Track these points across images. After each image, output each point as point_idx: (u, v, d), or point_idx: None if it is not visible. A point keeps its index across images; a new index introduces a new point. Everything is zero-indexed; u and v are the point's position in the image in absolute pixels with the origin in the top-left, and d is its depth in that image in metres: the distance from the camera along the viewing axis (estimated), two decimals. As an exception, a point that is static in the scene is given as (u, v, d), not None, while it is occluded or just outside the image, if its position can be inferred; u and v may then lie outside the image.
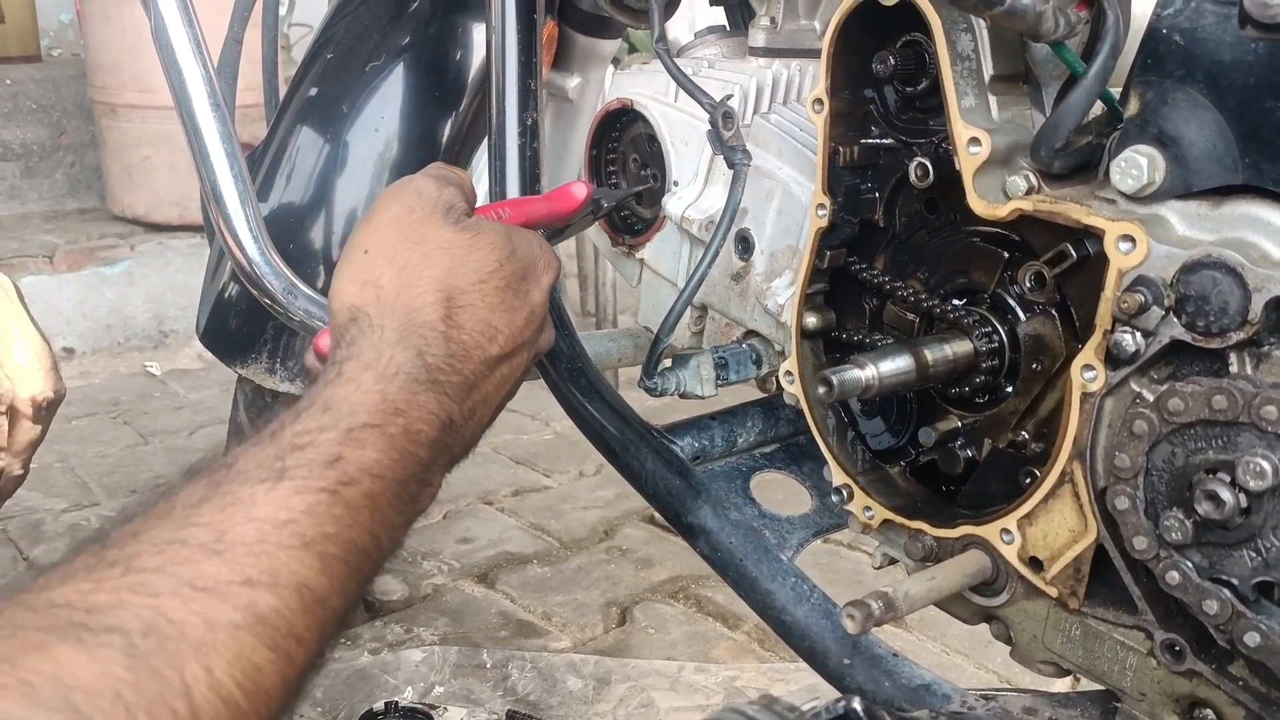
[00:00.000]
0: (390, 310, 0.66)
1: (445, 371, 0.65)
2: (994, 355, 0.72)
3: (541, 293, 0.73)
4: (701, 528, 0.83)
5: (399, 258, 0.68)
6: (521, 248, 0.72)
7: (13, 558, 1.91)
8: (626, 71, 0.97)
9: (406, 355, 0.64)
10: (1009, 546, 0.69)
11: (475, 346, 0.68)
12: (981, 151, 0.66)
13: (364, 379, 0.62)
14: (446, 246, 0.69)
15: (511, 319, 0.70)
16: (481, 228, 0.71)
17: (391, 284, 0.67)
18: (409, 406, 0.62)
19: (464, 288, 0.68)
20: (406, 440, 0.61)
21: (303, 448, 0.57)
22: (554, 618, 1.75)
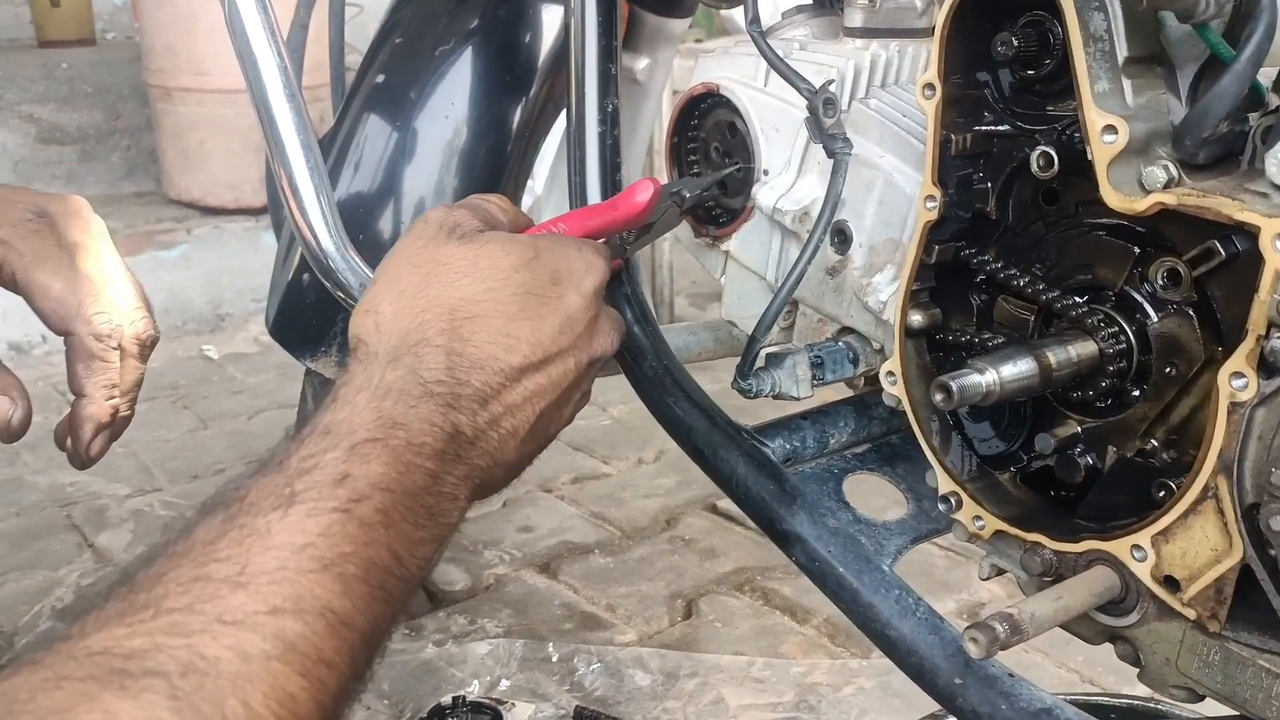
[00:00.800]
0: (386, 335, 0.66)
1: (446, 383, 0.64)
2: (1121, 357, 0.67)
3: (582, 296, 0.71)
4: (797, 535, 0.79)
5: (400, 283, 0.68)
6: (548, 251, 0.71)
7: (78, 544, 1.92)
8: (711, 55, 0.93)
9: (398, 374, 0.64)
10: (1141, 564, 0.64)
11: (489, 357, 0.66)
12: (1118, 140, 0.61)
13: (358, 400, 0.62)
14: (448, 261, 0.68)
15: (538, 326, 0.68)
16: (490, 238, 0.70)
17: (390, 309, 0.67)
18: (407, 419, 0.62)
19: (471, 298, 0.67)
20: (410, 453, 0.61)
21: (309, 471, 0.57)
22: (618, 610, 1.73)
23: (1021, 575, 0.73)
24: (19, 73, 3.17)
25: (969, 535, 0.75)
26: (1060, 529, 0.69)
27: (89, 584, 1.79)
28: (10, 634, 1.66)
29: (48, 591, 1.76)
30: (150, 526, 1.97)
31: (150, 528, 1.97)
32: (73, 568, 1.84)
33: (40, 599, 1.74)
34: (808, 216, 0.84)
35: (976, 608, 1.73)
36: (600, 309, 0.74)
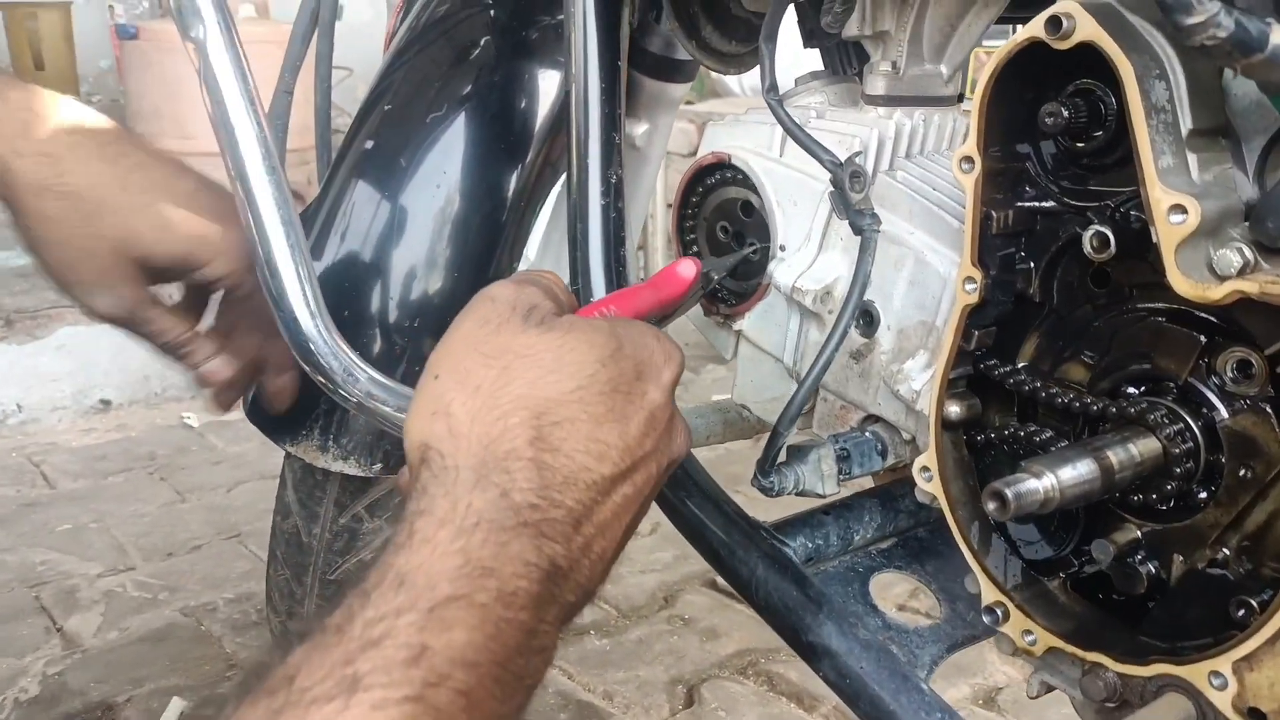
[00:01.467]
0: (465, 443, 0.55)
1: (540, 508, 0.54)
2: (1188, 457, 0.61)
3: (662, 391, 0.61)
4: (826, 649, 0.72)
5: (473, 378, 0.57)
6: (630, 341, 0.60)
7: (46, 628, 1.82)
8: (720, 123, 0.87)
9: (488, 498, 0.53)
10: (1221, 694, 0.57)
11: (580, 469, 0.56)
12: (1188, 221, 0.55)
13: (439, 537, 0.51)
14: (529, 353, 0.57)
15: (625, 429, 0.58)
16: (574, 325, 0.60)
17: (465, 410, 0.56)
18: (498, 562, 0.51)
19: (557, 399, 0.56)
20: (502, 606, 0.50)
21: (377, 643, 0.46)
22: (616, 698, 1.64)
23: (1078, 698, 0.66)
24: (0, 135, 3.12)
25: (1015, 650, 0.68)
26: (1124, 648, 0.62)
27: (55, 673, 1.69)
28: (-31, 729, 1.56)
29: (12, 681, 1.67)
30: (122, 609, 1.88)
31: (122, 610, 1.87)
32: (39, 655, 1.74)
33: (4, 690, 1.64)
34: (830, 296, 0.78)
35: (993, 692, 1.65)
36: (674, 405, 0.64)
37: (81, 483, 2.40)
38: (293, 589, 1.25)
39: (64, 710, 1.59)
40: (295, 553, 1.22)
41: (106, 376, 2.79)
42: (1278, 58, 0.49)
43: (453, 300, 1.10)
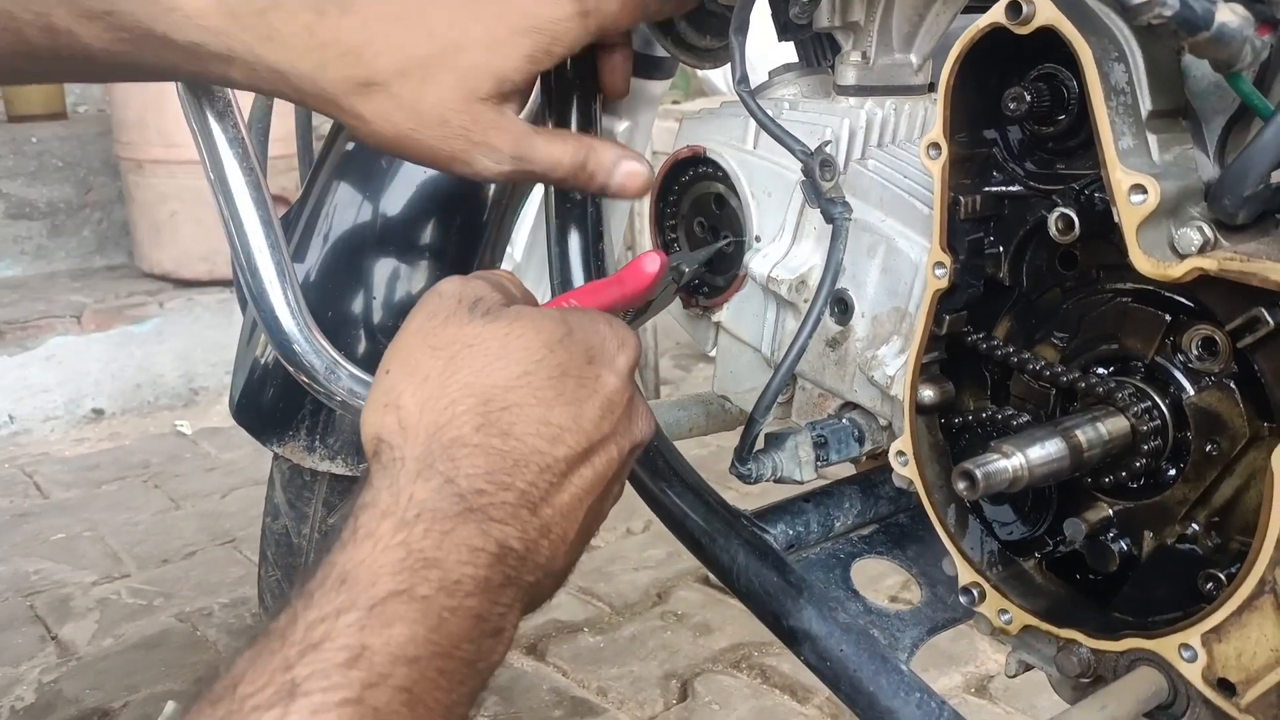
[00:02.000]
0: (413, 433, 0.55)
1: (488, 492, 0.54)
2: (1156, 434, 0.61)
3: (618, 376, 0.61)
4: (806, 633, 0.73)
5: (421, 369, 0.57)
6: (579, 327, 0.61)
7: (40, 636, 1.83)
8: (695, 117, 0.88)
9: (430, 487, 0.53)
10: (1191, 665, 0.58)
11: (532, 452, 0.56)
12: (1148, 201, 0.55)
13: (381, 530, 0.51)
14: (475, 342, 0.58)
15: (579, 412, 0.58)
16: (520, 314, 0.60)
17: (414, 401, 0.56)
18: (441, 551, 0.51)
19: (504, 385, 0.56)
20: (445, 596, 0.50)
21: (317, 645, 0.46)
22: (610, 693, 1.65)
23: (1054, 674, 0.67)
24: (-13, 148, 3.13)
25: (993, 629, 0.69)
26: (1096, 624, 0.63)
27: (50, 681, 1.69)
28: (-35, 738, 1.56)
29: (8, 690, 1.67)
30: (116, 616, 1.88)
31: (116, 617, 1.88)
32: (34, 663, 1.75)
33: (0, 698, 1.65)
34: (805, 285, 0.79)
35: (984, 680, 1.66)
36: (635, 390, 0.64)
37: (74, 492, 2.40)
38: (284, 589, 1.25)
39: (59, 717, 1.60)
40: (285, 553, 1.22)
41: (98, 386, 2.79)
42: (1223, 36, 0.50)
43: (436, 299, 1.11)
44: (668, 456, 0.82)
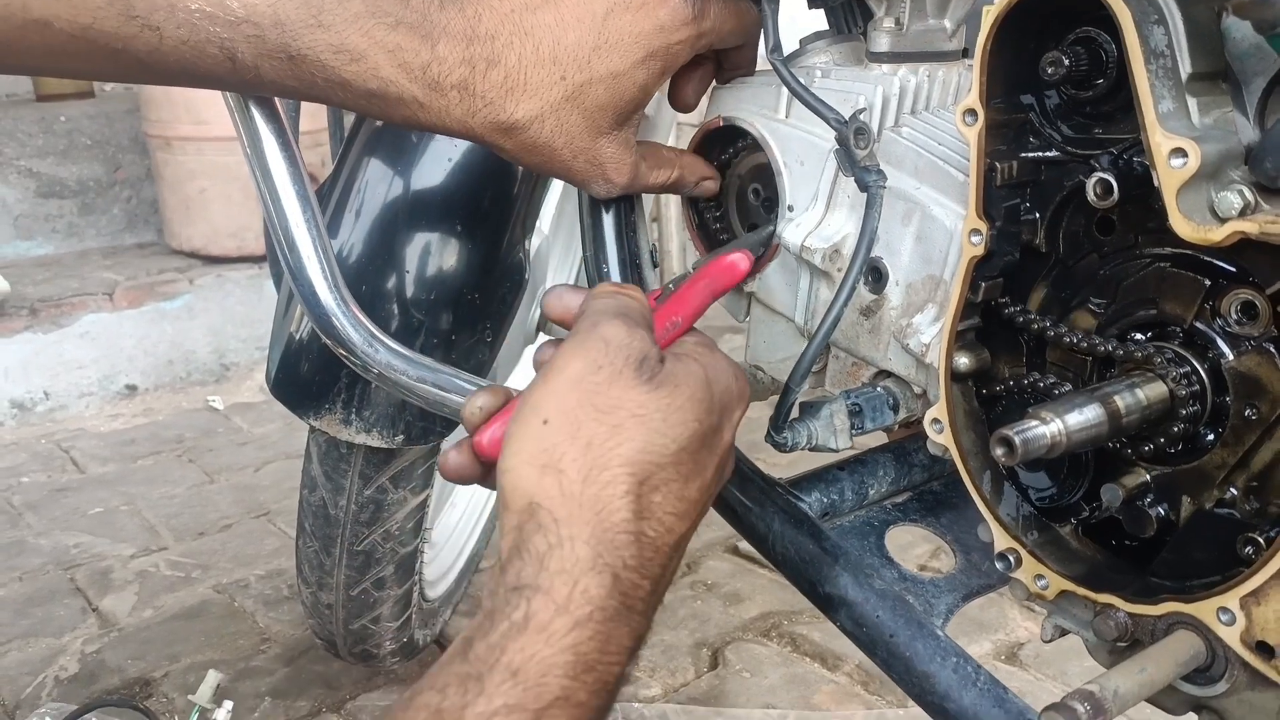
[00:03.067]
0: (578, 510, 0.55)
1: (639, 586, 0.55)
2: (1195, 399, 0.61)
3: (732, 431, 0.63)
4: (842, 599, 0.73)
5: (584, 432, 0.56)
6: (718, 389, 0.61)
7: (82, 609, 1.86)
8: (727, 86, 0.88)
9: (601, 583, 0.53)
10: (1229, 629, 0.58)
11: (666, 533, 0.57)
12: (1188, 164, 0.55)
13: (555, 627, 0.52)
14: (641, 413, 0.57)
15: (703, 482, 0.59)
16: (679, 380, 0.59)
17: (575, 469, 0.55)
18: (601, 655, 0.53)
19: (660, 463, 0.57)
20: (595, 698, 0.52)
21: None
22: (642, 662, 1.66)
23: (1091, 639, 0.67)
24: (18, 128, 3.15)
25: (1029, 595, 0.69)
26: (1134, 589, 0.64)
27: (93, 651, 1.73)
28: (13, 707, 1.60)
29: (51, 660, 1.71)
30: (155, 588, 1.92)
31: (155, 589, 1.91)
32: (76, 634, 1.78)
33: (44, 669, 1.68)
34: (838, 254, 0.79)
35: (1015, 648, 1.66)
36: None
37: (111, 467, 2.44)
38: (322, 560, 1.27)
39: (103, 686, 1.63)
40: (323, 525, 1.24)
41: (131, 362, 2.82)
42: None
43: (467, 274, 1.11)
44: (702, 426, 0.83)
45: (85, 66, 0.68)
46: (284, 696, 1.59)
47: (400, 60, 0.69)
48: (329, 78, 0.69)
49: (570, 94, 0.72)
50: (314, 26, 0.67)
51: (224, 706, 1.45)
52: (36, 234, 3.19)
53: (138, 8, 0.65)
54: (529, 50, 0.71)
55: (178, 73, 0.68)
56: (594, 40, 0.72)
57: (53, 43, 0.65)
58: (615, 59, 0.73)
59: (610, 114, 0.74)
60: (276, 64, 0.68)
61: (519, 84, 0.71)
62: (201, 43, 0.66)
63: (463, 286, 1.10)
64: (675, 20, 0.74)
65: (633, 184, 0.79)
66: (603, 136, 0.75)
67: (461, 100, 0.71)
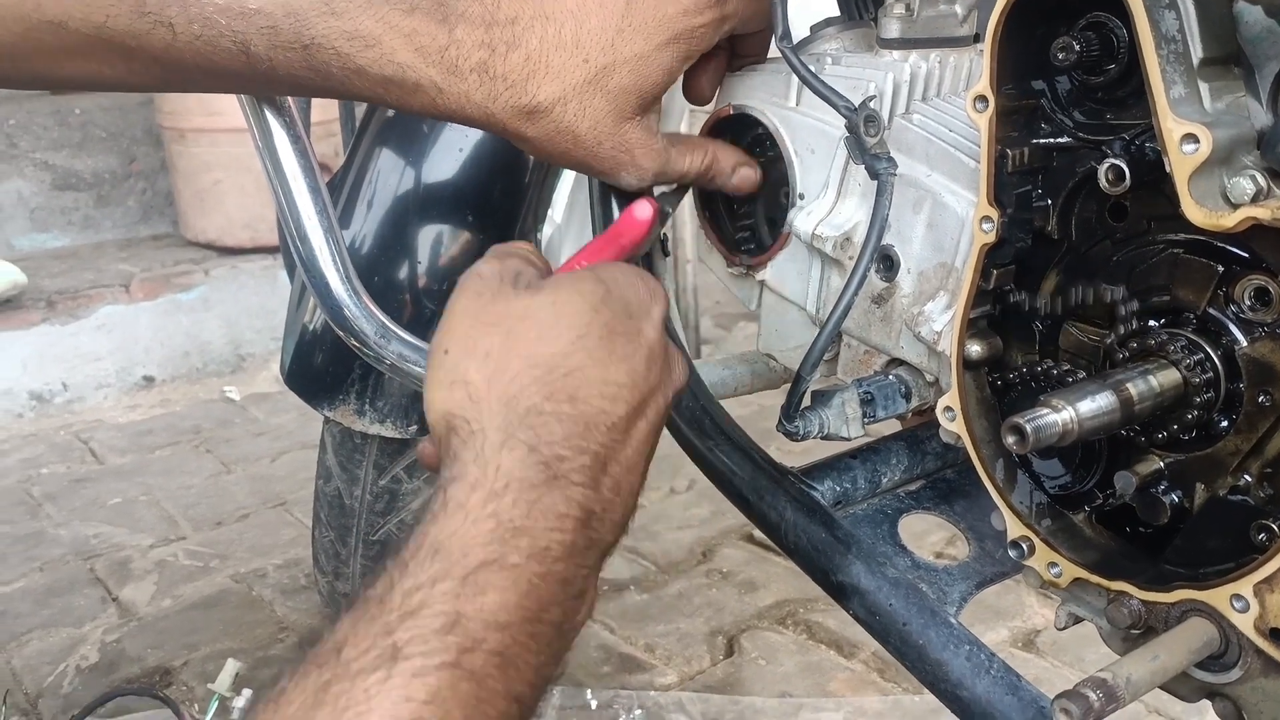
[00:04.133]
0: (487, 406, 0.57)
1: (568, 458, 0.56)
2: (1208, 386, 0.61)
3: (654, 327, 0.63)
4: (855, 588, 0.73)
5: (480, 346, 0.59)
6: (615, 283, 0.63)
7: (101, 598, 1.88)
8: (736, 74, 0.88)
9: (515, 456, 0.55)
10: (1243, 616, 0.58)
11: (598, 413, 0.58)
12: (1200, 150, 0.55)
13: (471, 502, 0.54)
14: (527, 314, 0.60)
15: (631, 367, 0.60)
16: (560, 281, 0.62)
17: (480, 376, 0.58)
18: (529, 520, 0.53)
19: (562, 351, 0.58)
20: (535, 563, 0.53)
21: (414, 612, 0.49)
22: (657, 650, 1.67)
23: (1105, 627, 0.67)
24: (33, 120, 3.17)
25: (1043, 583, 0.69)
26: (1147, 576, 0.63)
27: (113, 640, 1.74)
28: (35, 695, 1.62)
29: (72, 650, 1.72)
30: (174, 577, 1.93)
31: (174, 578, 1.93)
32: (97, 624, 1.80)
33: (64, 658, 1.70)
34: (850, 242, 0.79)
35: (1031, 635, 1.66)
36: (669, 337, 0.66)
37: (129, 457, 2.46)
38: (338, 550, 1.28)
39: (123, 675, 1.65)
40: (338, 515, 1.25)
41: (148, 353, 2.84)
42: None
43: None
44: (714, 416, 0.83)
45: (100, 69, 0.68)
46: (302, 685, 1.60)
47: (417, 44, 0.69)
48: (344, 65, 0.69)
49: (593, 77, 0.71)
50: (326, 14, 0.67)
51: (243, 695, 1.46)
52: (52, 226, 3.21)
53: (149, 4, 0.65)
54: (551, 33, 0.70)
55: (193, 71, 0.68)
56: (617, 23, 0.71)
57: (67, 43, 0.65)
58: (639, 42, 0.72)
59: (634, 98, 0.73)
60: (291, 55, 0.68)
61: (540, 66, 0.70)
62: (215, 37, 0.66)
63: (475, 277, 1.11)
64: (700, 4, 0.73)
65: (663, 170, 0.77)
66: (627, 121, 0.73)
67: (482, 84, 0.70)
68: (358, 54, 0.68)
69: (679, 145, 0.78)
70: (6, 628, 1.78)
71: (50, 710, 1.57)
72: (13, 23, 0.63)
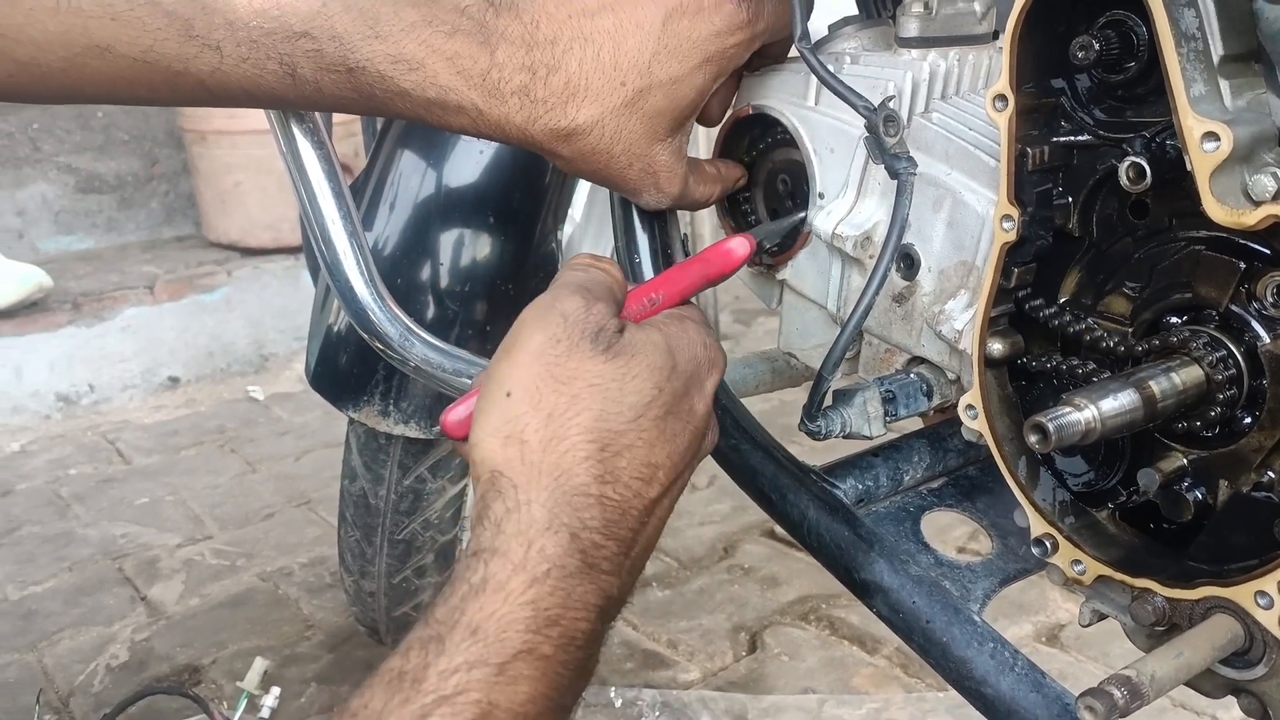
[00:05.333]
0: (537, 476, 0.57)
1: (601, 547, 0.57)
2: (1231, 383, 0.61)
3: (705, 402, 0.63)
4: (878, 585, 0.74)
5: (545, 404, 0.58)
6: (683, 356, 0.62)
7: (130, 597, 1.90)
8: (756, 74, 0.88)
9: (558, 542, 0.55)
10: (1268, 612, 0.58)
11: (633, 497, 0.59)
12: (1221, 148, 0.55)
13: (513, 585, 0.54)
14: (598, 383, 0.59)
15: (673, 449, 0.61)
16: (636, 349, 0.61)
17: (537, 438, 0.58)
18: (564, 609, 0.54)
19: (619, 430, 0.59)
20: (563, 653, 0.54)
21: (450, 698, 0.50)
22: (680, 646, 1.67)
23: (1129, 623, 0.67)
24: (55, 124, 3.20)
25: (1066, 580, 0.69)
26: (1171, 573, 0.63)
27: (142, 639, 1.76)
28: (66, 695, 1.64)
29: (102, 649, 1.75)
30: (202, 576, 1.95)
31: (202, 577, 1.95)
32: (126, 623, 1.82)
33: (94, 657, 1.72)
34: (870, 242, 0.79)
35: (1055, 629, 1.66)
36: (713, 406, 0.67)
37: (155, 458, 2.48)
38: (363, 549, 1.29)
39: (152, 674, 1.67)
40: (364, 514, 1.26)
41: (173, 354, 2.87)
42: (1300, -20, 0.49)
43: (500, 265, 1.12)
44: (736, 414, 0.83)
45: (146, 93, 0.68)
46: (330, 682, 1.62)
47: (459, 67, 0.69)
48: (388, 88, 0.69)
49: (630, 100, 0.72)
50: (371, 38, 0.68)
51: (271, 692, 1.47)
52: (77, 229, 3.24)
53: (197, 27, 0.65)
54: (590, 56, 0.71)
55: (237, 93, 0.69)
56: (654, 46, 0.72)
57: (114, 68, 0.66)
58: (674, 65, 0.72)
59: (667, 120, 0.74)
60: (336, 77, 0.69)
61: (580, 89, 0.71)
62: (262, 59, 0.67)
63: (496, 277, 1.11)
64: (731, 24, 0.74)
65: (681, 197, 0.79)
66: (658, 143, 0.75)
67: (522, 107, 0.71)
68: (401, 77, 0.69)
69: (697, 174, 0.80)
70: (37, 627, 1.80)
71: (81, 709, 1.59)
72: (59, 47, 0.64)
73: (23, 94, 0.67)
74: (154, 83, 0.67)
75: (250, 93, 0.69)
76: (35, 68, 0.65)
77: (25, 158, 3.16)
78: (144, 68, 0.66)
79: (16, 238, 3.12)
